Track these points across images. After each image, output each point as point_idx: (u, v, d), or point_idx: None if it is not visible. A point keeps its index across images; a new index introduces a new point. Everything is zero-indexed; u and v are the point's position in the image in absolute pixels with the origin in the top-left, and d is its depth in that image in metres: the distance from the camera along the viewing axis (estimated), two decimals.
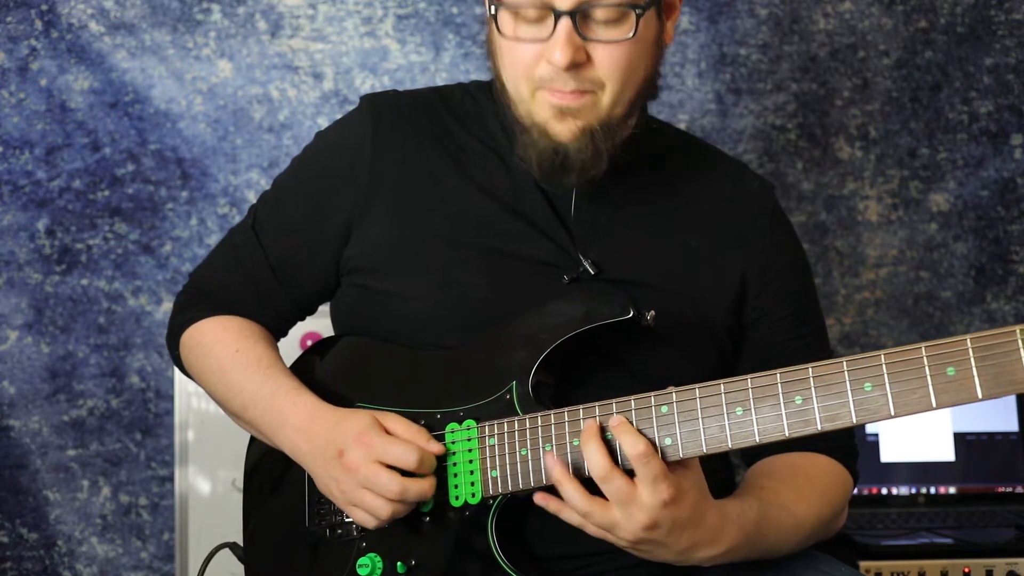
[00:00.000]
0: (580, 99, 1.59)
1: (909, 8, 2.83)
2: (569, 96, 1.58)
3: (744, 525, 1.53)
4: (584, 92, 1.59)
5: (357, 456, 1.55)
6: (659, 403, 1.47)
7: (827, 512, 1.67)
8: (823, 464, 1.70)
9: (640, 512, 1.43)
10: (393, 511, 1.55)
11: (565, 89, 1.58)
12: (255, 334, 1.77)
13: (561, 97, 1.59)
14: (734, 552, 1.52)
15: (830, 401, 1.38)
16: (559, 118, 1.60)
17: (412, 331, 1.68)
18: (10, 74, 2.70)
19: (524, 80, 1.61)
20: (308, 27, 2.77)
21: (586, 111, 1.60)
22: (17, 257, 2.71)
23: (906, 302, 2.86)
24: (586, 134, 1.60)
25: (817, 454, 1.70)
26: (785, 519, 1.59)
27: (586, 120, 1.60)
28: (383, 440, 1.55)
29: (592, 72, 1.58)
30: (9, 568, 2.70)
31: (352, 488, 1.56)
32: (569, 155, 1.61)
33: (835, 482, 1.71)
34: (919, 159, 2.85)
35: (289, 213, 1.79)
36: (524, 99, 1.62)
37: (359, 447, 1.55)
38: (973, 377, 1.29)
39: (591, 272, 1.66)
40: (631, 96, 1.63)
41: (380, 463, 1.54)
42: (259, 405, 1.69)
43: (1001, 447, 2.64)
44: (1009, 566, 2.34)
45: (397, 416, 1.59)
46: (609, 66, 1.58)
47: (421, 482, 1.54)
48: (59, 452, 2.71)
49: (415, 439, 1.56)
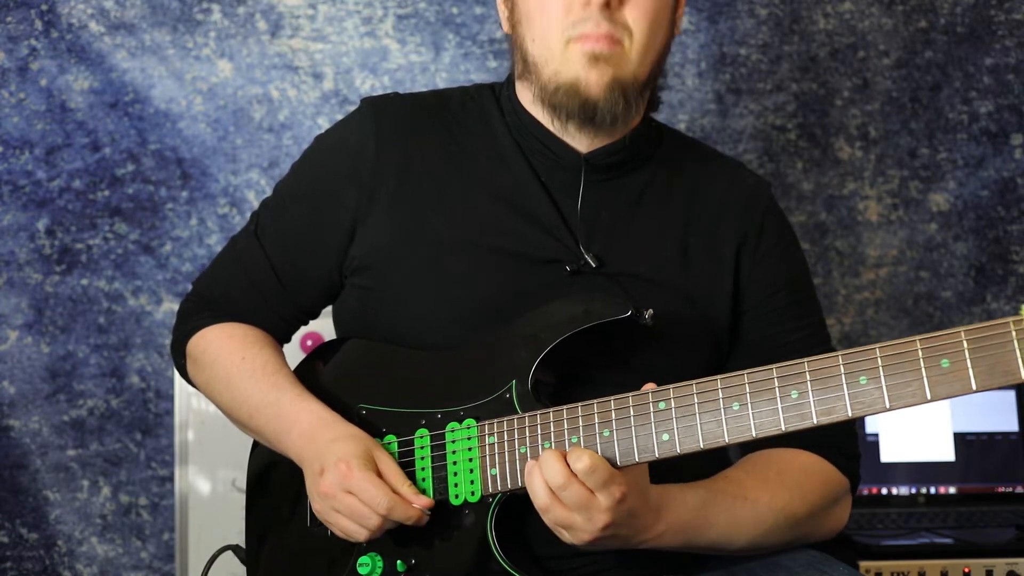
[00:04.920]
0: (612, 46, 1.62)
1: (909, 8, 2.83)
2: (603, 40, 1.62)
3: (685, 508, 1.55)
4: (615, 40, 1.62)
5: (331, 481, 1.55)
6: (656, 399, 1.47)
7: (798, 506, 1.65)
8: (802, 459, 1.69)
9: (600, 514, 1.46)
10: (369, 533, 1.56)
11: (599, 31, 1.61)
12: (260, 341, 1.78)
13: (595, 42, 1.62)
14: (673, 535, 1.55)
15: (826, 395, 1.38)
16: (592, 64, 1.63)
17: (415, 331, 1.69)
18: (10, 74, 2.71)
19: (557, 31, 1.64)
20: (308, 27, 2.77)
21: (616, 60, 1.63)
22: (17, 257, 2.71)
23: (906, 302, 2.86)
24: (616, 86, 1.64)
25: (801, 450, 1.69)
26: (740, 507, 1.60)
27: (616, 70, 1.63)
28: (361, 474, 1.54)
29: (622, 16, 1.63)
30: (9, 568, 2.70)
31: (326, 511, 1.58)
32: (599, 108, 1.64)
33: (813, 478, 1.69)
34: (919, 159, 2.85)
35: (291, 217, 1.79)
36: (555, 55, 1.65)
37: (335, 472, 1.55)
38: (968, 369, 1.29)
39: (592, 265, 1.67)
40: (654, 57, 1.68)
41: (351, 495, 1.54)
42: (264, 413, 1.70)
43: (1001, 447, 2.64)
44: (1009, 566, 2.33)
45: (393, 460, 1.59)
46: (638, 10, 1.63)
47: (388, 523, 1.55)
48: (59, 452, 2.71)
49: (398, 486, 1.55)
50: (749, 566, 1.67)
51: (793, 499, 1.65)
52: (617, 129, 1.70)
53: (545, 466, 1.46)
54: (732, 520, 1.60)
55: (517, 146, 1.73)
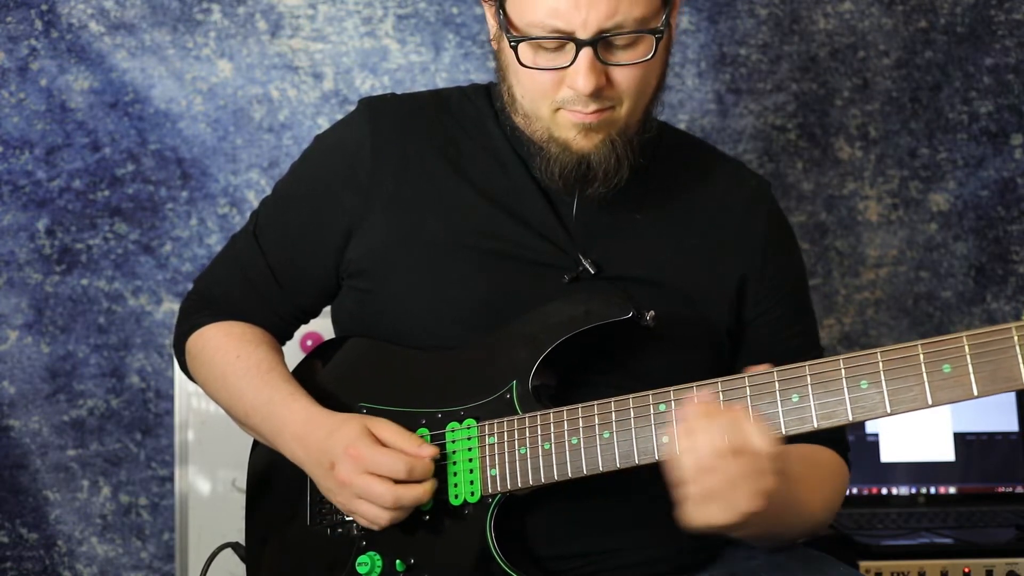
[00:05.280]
0: (601, 116, 1.60)
1: (909, 8, 2.83)
2: (591, 116, 1.60)
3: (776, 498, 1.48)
4: (606, 110, 1.61)
5: (347, 469, 1.57)
6: (657, 401, 1.47)
7: (833, 501, 1.71)
8: (827, 455, 1.73)
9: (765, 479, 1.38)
10: (392, 517, 1.56)
11: (587, 111, 1.60)
12: (256, 339, 1.78)
13: (583, 117, 1.60)
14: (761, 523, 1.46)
15: (826, 399, 1.38)
16: (583, 135, 1.62)
17: (413, 333, 1.69)
18: (10, 74, 2.70)
19: (544, 102, 1.62)
20: (308, 27, 2.77)
21: (606, 124, 1.62)
22: (17, 257, 2.71)
23: (906, 302, 2.86)
24: (607, 144, 1.62)
25: (819, 445, 1.72)
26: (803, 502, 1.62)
27: (606, 132, 1.62)
28: (372, 451, 1.56)
29: (612, 91, 1.60)
30: (9, 568, 2.70)
31: (348, 499, 1.59)
32: (592, 164, 1.63)
33: (838, 473, 1.74)
34: (919, 159, 2.85)
35: (289, 217, 1.80)
36: (543, 118, 1.64)
37: (348, 460, 1.57)
38: (969, 374, 1.30)
39: (591, 271, 1.67)
40: (646, 104, 1.66)
41: (371, 473, 1.55)
42: (259, 412, 1.71)
43: (1001, 447, 2.64)
44: (1009, 566, 2.33)
45: (388, 423, 1.60)
46: (629, 85, 1.60)
47: (415, 488, 1.55)
48: (59, 452, 2.71)
49: (405, 446, 1.57)
50: (749, 566, 1.67)
51: (829, 496, 1.70)
52: None
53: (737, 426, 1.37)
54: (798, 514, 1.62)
55: (513, 149, 1.73)
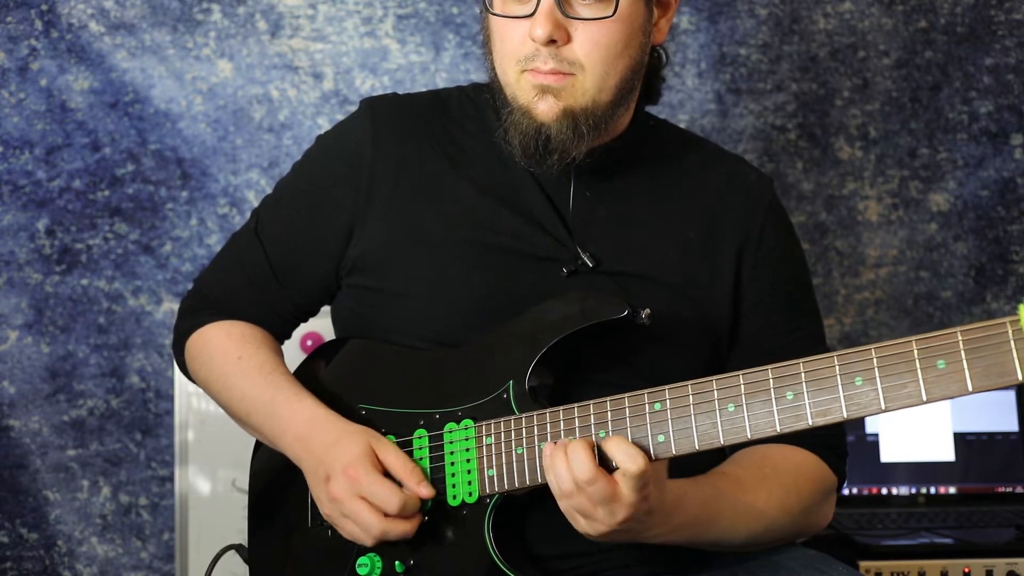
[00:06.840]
0: (560, 80, 1.60)
1: (909, 8, 2.83)
2: (549, 76, 1.60)
3: (694, 504, 1.55)
4: (564, 74, 1.61)
5: (341, 488, 1.57)
6: (652, 400, 1.47)
7: (793, 504, 1.66)
8: (796, 456, 1.70)
9: (623, 509, 1.45)
10: (376, 541, 1.57)
11: (544, 68, 1.60)
12: (257, 339, 1.79)
13: (543, 77, 1.61)
14: (681, 531, 1.55)
15: (821, 396, 1.38)
16: (540, 96, 1.62)
17: (412, 330, 1.69)
18: (10, 74, 2.71)
19: (511, 61, 1.63)
20: (308, 27, 2.77)
21: (567, 92, 1.61)
22: (17, 257, 2.71)
23: (906, 302, 2.85)
24: (568, 116, 1.62)
25: (793, 447, 1.70)
26: (741, 505, 1.60)
27: (567, 102, 1.61)
28: (370, 479, 1.56)
29: (571, 52, 1.60)
30: (9, 568, 2.70)
31: (335, 513, 1.60)
32: (551, 137, 1.62)
33: (805, 475, 1.69)
34: (919, 159, 2.85)
35: (290, 216, 1.80)
36: (511, 82, 1.65)
37: (344, 479, 1.57)
38: (963, 370, 1.29)
39: (589, 265, 1.67)
40: (615, 83, 1.64)
41: (364, 499, 1.56)
42: (261, 413, 1.71)
43: (1001, 447, 2.64)
44: (1009, 566, 2.33)
45: (394, 448, 1.60)
46: (588, 45, 1.60)
47: (403, 525, 1.56)
48: (59, 452, 2.71)
49: (406, 479, 1.57)
50: (749, 566, 1.67)
51: (788, 496, 1.65)
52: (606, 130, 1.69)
53: (574, 460, 1.44)
54: (734, 517, 1.60)
55: None
